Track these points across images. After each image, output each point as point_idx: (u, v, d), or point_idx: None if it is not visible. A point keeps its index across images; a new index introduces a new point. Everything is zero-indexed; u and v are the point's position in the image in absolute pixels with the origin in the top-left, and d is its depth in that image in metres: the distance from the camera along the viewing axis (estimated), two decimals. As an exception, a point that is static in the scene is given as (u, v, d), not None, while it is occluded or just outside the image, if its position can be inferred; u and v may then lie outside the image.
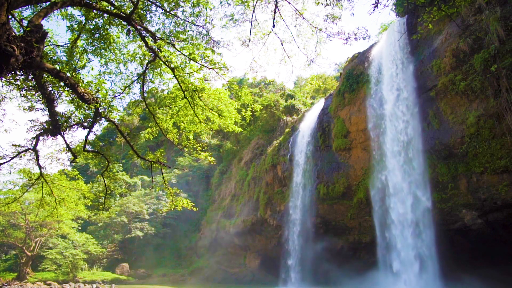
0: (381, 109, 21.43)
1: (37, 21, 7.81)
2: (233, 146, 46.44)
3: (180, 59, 10.90)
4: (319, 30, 10.58)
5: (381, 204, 20.70)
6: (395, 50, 21.16)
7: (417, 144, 18.92)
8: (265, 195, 31.13)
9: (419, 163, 18.76)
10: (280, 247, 29.02)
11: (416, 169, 18.90)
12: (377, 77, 22.42)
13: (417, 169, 18.83)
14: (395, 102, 20.45)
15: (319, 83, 50.17)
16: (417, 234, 18.36)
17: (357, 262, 24.21)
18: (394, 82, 20.71)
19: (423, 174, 18.53)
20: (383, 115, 21.15)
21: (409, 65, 19.97)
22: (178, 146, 13.56)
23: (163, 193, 46.31)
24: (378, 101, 21.82)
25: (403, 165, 19.54)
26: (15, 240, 42.24)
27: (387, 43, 22.35)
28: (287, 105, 39.16)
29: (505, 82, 14.24)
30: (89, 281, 40.13)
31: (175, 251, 48.05)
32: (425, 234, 18.09)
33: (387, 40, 22.48)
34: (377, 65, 22.75)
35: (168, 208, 14.35)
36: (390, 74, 21.12)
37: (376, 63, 22.88)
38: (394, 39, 21.40)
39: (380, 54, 22.88)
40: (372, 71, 22.86)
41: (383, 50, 22.53)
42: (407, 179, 19.25)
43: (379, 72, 22.35)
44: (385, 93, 21.24)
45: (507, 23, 14.62)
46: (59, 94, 10.45)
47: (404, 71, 20.18)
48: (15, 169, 15.35)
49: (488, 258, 18.23)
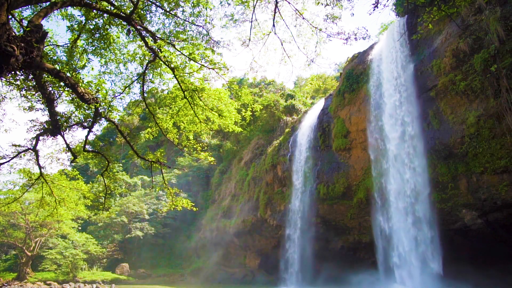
0: (381, 109, 21.43)
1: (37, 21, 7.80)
2: (233, 146, 46.44)
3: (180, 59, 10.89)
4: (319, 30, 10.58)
5: (381, 204, 20.70)
6: (395, 50, 21.17)
7: (417, 144, 18.91)
8: (265, 195, 31.12)
9: (419, 163, 18.76)
10: (280, 247, 29.02)
11: (416, 169, 18.90)
12: (377, 77, 22.42)
13: (417, 169, 18.82)
14: (395, 102, 20.45)
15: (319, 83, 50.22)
16: (417, 234, 18.36)
17: (357, 262, 24.22)
18: (394, 82, 20.71)
19: (423, 174, 18.53)
20: (383, 115, 21.14)
21: (409, 65, 19.98)
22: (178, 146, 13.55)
23: (163, 193, 46.32)
24: (378, 101, 21.82)
25: (403, 165, 19.54)
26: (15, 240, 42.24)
27: (387, 43, 22.36)
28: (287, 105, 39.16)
29: (505, 82, 14.24)
30: (89, 281, 40.14)
31: (175, 251, 48.06)
32: (425, 234, 18.09)
33: (387, 40, 22.48)
34: (377, 65, 22.75)
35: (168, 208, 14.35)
36: (390, 74, 21.12)
37: (376, 63, 22.88)
38: (394, 39, 21.40)
39: (380, 54, 22.88)
40: (372, 71, 22.86)
41: (383, 50, 22.53)
42: (407, 179, 19.25)
43: (379, 72, 22.35)
44: (385, 93, 21.24)
45: (507, 23, 14.62)
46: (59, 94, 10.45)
47: (404, 71, 20.18)
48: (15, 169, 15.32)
49: (488, 257, 18.23)
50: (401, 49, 20.79)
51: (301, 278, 26.46)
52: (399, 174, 19.72)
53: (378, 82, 22.18)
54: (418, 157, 18.85)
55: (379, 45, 23.68)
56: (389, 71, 21.22)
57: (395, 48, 21.12)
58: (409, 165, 19.25)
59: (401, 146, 19.78)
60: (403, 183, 19.42)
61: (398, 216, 19.35)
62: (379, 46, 23.55)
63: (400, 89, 20.26)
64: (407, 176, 19.28)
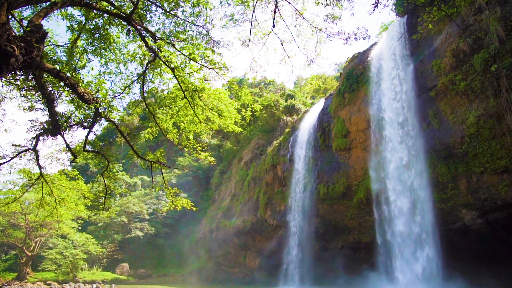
0: (381, 109, 21.43)
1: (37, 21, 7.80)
2: (233, 146, 46.43)
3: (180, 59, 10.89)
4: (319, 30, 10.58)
5: (381, 204, 20.70)
6: (395, 50, 21.17)
7: (417, 144, 18.91)
8: (265, 195, 31.12)
9: (419, 163, 18.76)
10: (280, 247, 29.01)
11: (416, 169, 18.89)
12: (377, 77, 22.43)
13: (417, 169, 18.82)
14: (395, 102, 20.44)
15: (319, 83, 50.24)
16: (417, 234, 18.36)
17: (357, 262, 24.20)
18: (394, 82, 20.70)
19: (423, 174, 18.53)
20: (383, 115, 21.14)
21: (409, 65, 19.98)
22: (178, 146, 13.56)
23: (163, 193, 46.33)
24: (378, 101, 21.82)
25: (403, 165, 19.54)
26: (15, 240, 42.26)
27: (387, 43, 22.35)
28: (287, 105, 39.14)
29: (505, 82, 14.24)
30: (89, 281, 40.15)
31: (175, 251, 48.06)
32: (425, 234, 18.09)
33: (387, 40, 22.48)
34: (377, 65, 22.74)
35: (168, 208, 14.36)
36: (390, 74, 21.11)
37: (376, 63, 22.88)
38: (394, 39, 21.40)
39: (380, 54, 22.88)
40: (372, 71, 22.85)
41: (383, 50, 22.53)
42: (407, 179, 19.25)
43: (379, 72, 22.35)
44: (385, 93, 21.24)
45: (507, 23, 14.62)
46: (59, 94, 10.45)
47: (404, 71, 20.18)
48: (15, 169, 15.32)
49: (488, 258, 18.22)
50: (401, 49, 20.79)
51: (301, 278, 26.45)
52: (399, 174, 19.71)
53: (378, 82, 22.18)
54: (418, 157, 18.85)
55: (379, 45, 23.68)
56: (389, 71, 21.22)
57: (395, 48, 21.12)
58: (409, 165, 19.24)
59: (401, 146, 19.78)
60: (403, 183, 19.42)
61: (398, 216, 19.34)
62: (379, 46, 23.55)
63: (400, 89, 20.25)
64: (407, 176, 19.28)
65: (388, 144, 20.52)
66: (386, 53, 22.01)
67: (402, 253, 18.81)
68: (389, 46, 21.76)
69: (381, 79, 22.01)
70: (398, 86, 20.40)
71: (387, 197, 20.18)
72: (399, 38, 20.83)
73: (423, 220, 18.32)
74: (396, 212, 19.51)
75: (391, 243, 19.69)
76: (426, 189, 18.32)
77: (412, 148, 19.15)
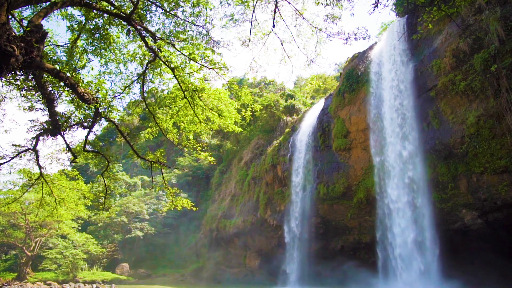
0: (381, 109, 21.43)
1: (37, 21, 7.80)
2: (233, 146, 46.42)
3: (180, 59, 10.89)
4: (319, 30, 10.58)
5: (381, 204, 20.70)
6: (395, 50, 21.17)
7: (417, 144, 18.91)
8: (265, 195, 31.12)
9: (419, 163, 18.75)
10: (280, 247, 29.00)
11: (416, 169, 18.89)
12: (377, 77, 22.43)
13: (417, 169, 18.82)
14: (395, 102, 20.44)
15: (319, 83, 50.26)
16: (417, 234, 18.36)
17: (357, 262, 24.18)
18: (394, 82, 20.70)
19: (423, 174, 18.52)
20: (383, 115, 21.14)
21: (409, 65, 19.97)
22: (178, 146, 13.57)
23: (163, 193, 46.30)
24: (378, 101, 21.82)
25: (403, 165, 19.54)
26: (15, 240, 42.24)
27: (387, 43, 22.35)
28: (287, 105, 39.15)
29: (505, 82, 14.24)
30: (89, 281, 40.13)
31: (175, 251, 48.06)
32: (425, 234, 18.09)
33: (387, 40, 22.48)
34: (377, 65, 22.74)
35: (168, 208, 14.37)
36: (390, 74, 21.11)
37: (376, 63, 22.88)
38: (394, 39, 21.40)
39: (380, 54, 22.88)
40: (372, 71, 22.86)
41: (383, 50, 22.53)
42: (407, 179, 19.25)
43: (379, 72, 22.35)
44: (385, 93, 21.24)
45: (507, 23, 14.62)
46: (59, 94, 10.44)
47: (404, 71, 20.18)
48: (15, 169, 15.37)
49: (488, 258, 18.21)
50: (401, 49, 20.78)
51: (301, 278, 26.45)
52: (399, 174, 19.71)
53: (378, 82, 22.18)
54: (418, 157, 18.85)
55: (379, 45, 23.68)
56: (389, 71, 21.22)
57: (395, 48, 21.11)
58: (409, 165, 19.24)
59: (401, 146, 19.78)
60: (403, 183, 19.42)
61: (398, 216, 19.34)
62: (379, 46, 23.55)
63: (400, 89, 20.25)
64: (407, 176, 19.28)
65: (388, 144, 20.52)
66: (386, 53, 22.01)
67: (402, 253, 18.80)
68: (389, 46, 21.76)
69: (381, 79, 22.01)
70: (398, 86, 20.40)
71: (387, 197, 20.18)
72: (399, 38, 20.83)
73: (423, 220, 18.31)
74: (396, 212, 19.51)
75: (391, 243, 19.69)
76: (426, 189, 18.32)
77: (412, 148, 19.14)
